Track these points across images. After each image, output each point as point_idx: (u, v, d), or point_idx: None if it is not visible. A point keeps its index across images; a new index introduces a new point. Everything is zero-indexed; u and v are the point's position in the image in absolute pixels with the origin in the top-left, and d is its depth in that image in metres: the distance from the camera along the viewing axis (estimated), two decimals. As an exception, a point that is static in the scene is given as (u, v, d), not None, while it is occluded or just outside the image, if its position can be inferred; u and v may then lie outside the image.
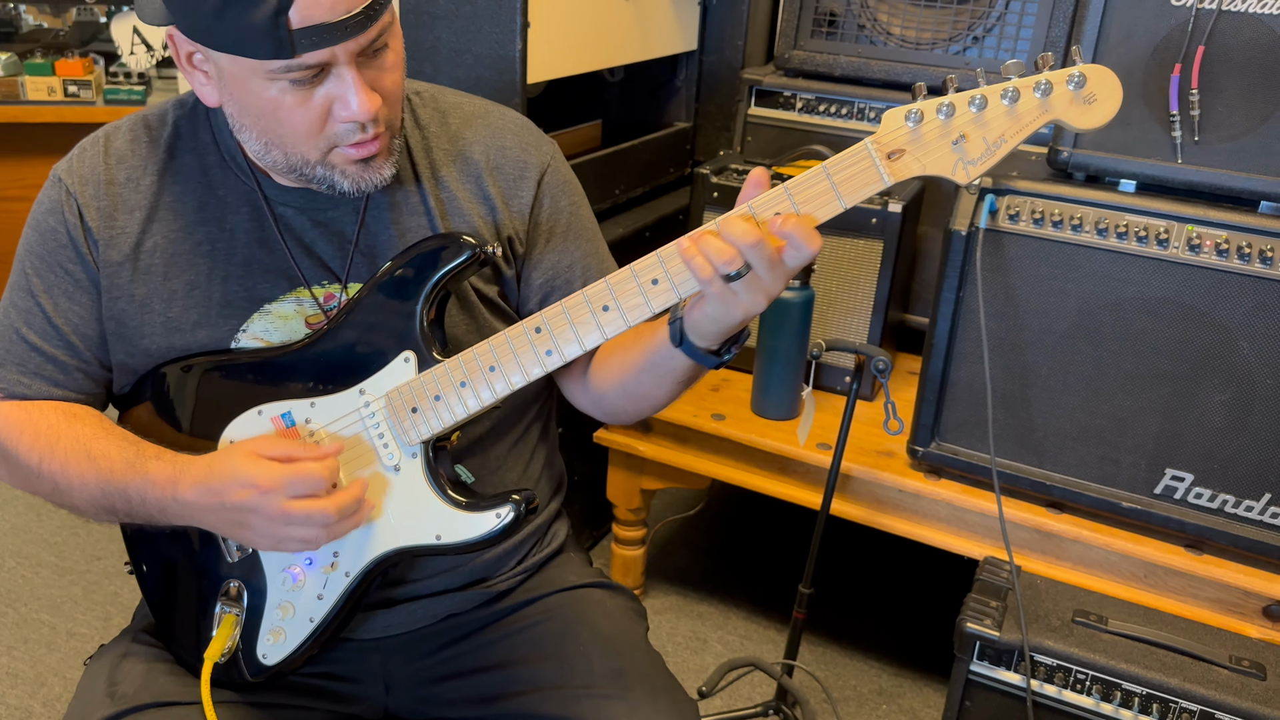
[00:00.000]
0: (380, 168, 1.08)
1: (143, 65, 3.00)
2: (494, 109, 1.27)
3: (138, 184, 1.15)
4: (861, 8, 2.20)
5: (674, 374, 1.10)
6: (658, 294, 1.00)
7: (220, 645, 1.09)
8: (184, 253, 1.14)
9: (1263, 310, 1.56)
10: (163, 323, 1.13)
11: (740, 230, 0.92)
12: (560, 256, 1.23)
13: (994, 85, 0.92)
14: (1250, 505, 1.64)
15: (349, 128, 1.03)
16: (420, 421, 1.07)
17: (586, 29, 2.05)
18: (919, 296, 2.23)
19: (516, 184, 1.21)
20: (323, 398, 1.10)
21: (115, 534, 2.36)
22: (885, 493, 1.87)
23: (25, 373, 1.14)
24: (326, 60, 0.98)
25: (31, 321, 1.14)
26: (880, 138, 0.94)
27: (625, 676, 1.15)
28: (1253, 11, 1.51)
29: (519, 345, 1.04)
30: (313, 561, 1.10)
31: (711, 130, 2.53)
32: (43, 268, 1.14)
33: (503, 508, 1.06)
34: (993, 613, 1.60)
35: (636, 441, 2.05)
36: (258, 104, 1.02)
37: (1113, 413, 1.69)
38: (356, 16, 0.97)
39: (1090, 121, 0.92)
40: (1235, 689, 1.47)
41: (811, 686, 1.98)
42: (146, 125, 1.18)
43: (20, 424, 1.12)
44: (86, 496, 1.10)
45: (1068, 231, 1.66)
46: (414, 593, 1.20)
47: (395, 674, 1.21)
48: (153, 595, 1.19)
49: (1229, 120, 1.57)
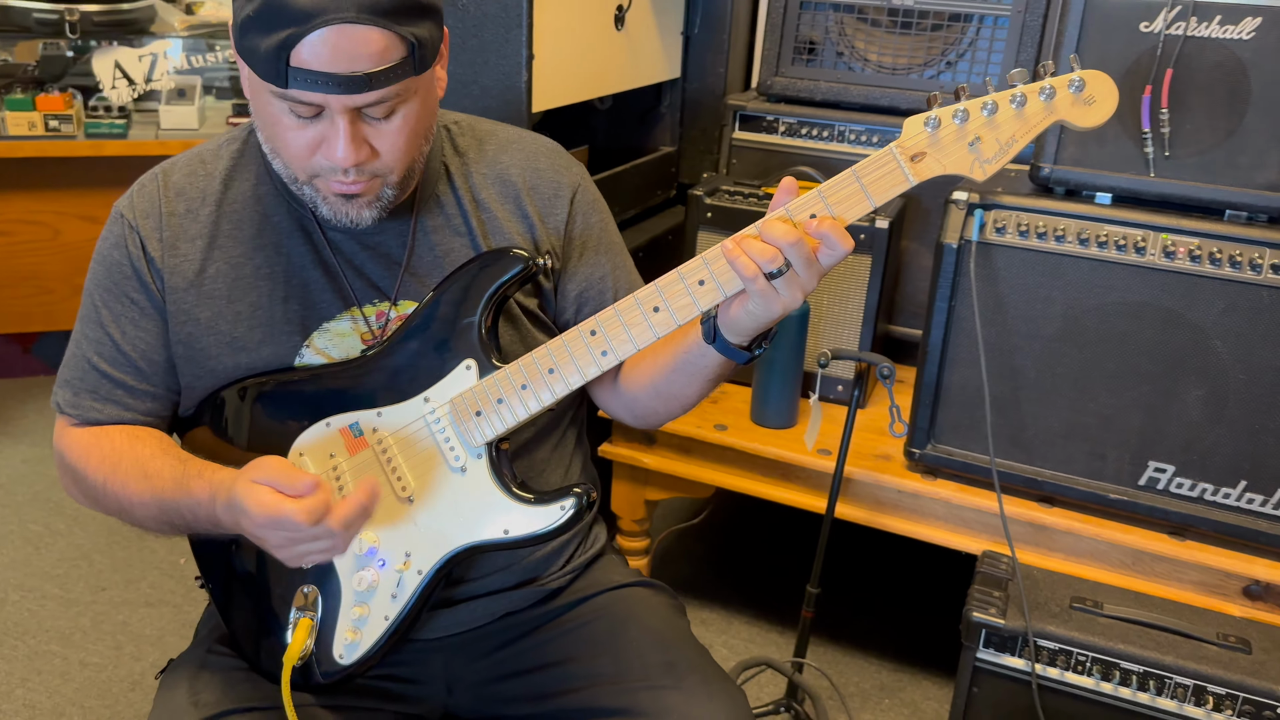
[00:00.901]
0: (360, 207, 1.13)
1: (124, 99, 3.02)
2: (527, 135, 1.35)
3: (197, 214, 1.21)
4: (840, 36, 2.31)
5: (704, 371, 1.18)
6: (704, 293, 1.08)
7: (298, 649, 1.14)
8: (245, 276, 1.20)
9: (1234, 311, 1.68)
10: (229, 343, 1.19)
11: (781, 231, 1.01)
12: (593, 269, 1.31)
13: (1003, 91, 1.02)
14: (1228, 493, 1.75)
15: (331, 166, 1.09)
16: (484, 424, 1.13)
17: (584, 60, 2.14)
18: (902, 308, 2.34)
19: (552, 202, 1.29)
20: (389, 407, 1.16)
21: (119, 565, 2.39)
22: (885, 494, 1.96)
23: (98, 399, 1.19)
24: (320, 104, 1.05)
25: (102, 350, 1.19)
26: (903, 142, 1.03)
27: (678, 668, 1.22)
28: (1215, 37, 1.64)
29: (575, 348, 1.12)
30: (385, 563, 1.15)
31: (695, 154, 2.63)
32: (110, 299, 1.20)
33: (566, 500, 1.13)
34: (996, 602, 1.70)
35: (641, 454, 2.12)
36: (265, 113, 1.10)
37: (1098, 410, 1.80)
38: (358, 78, 1.03)
39: (1091, 120, 1.02)
40: (1224, 663, 1.58)
41: (820, 683, 2.05)
42: (201, 160, 1.24)
43: (89, 447, 1.18)
44: (148, 514, 1.15)
45: (1051, 242, 1.77)
46: (472, 592, 1.26)
47: (457, 674, 1.27)
48: (226, 606, 1.24)
49: (1196, 136, 1.69)
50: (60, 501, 2.63)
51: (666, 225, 2.52)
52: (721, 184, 2.24)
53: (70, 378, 1.21)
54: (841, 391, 2.16)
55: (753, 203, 2.15)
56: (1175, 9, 1.65)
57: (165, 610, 2.26)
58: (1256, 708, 1.54)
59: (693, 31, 2.54)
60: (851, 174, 1.03)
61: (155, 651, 2.14)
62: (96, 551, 2.45)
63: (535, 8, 1.89)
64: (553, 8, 1.96)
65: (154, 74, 3.08)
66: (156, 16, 3.18)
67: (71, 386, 1.21)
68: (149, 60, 3.06)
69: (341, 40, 1.01)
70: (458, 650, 1.27)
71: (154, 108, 3.08)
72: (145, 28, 3.11)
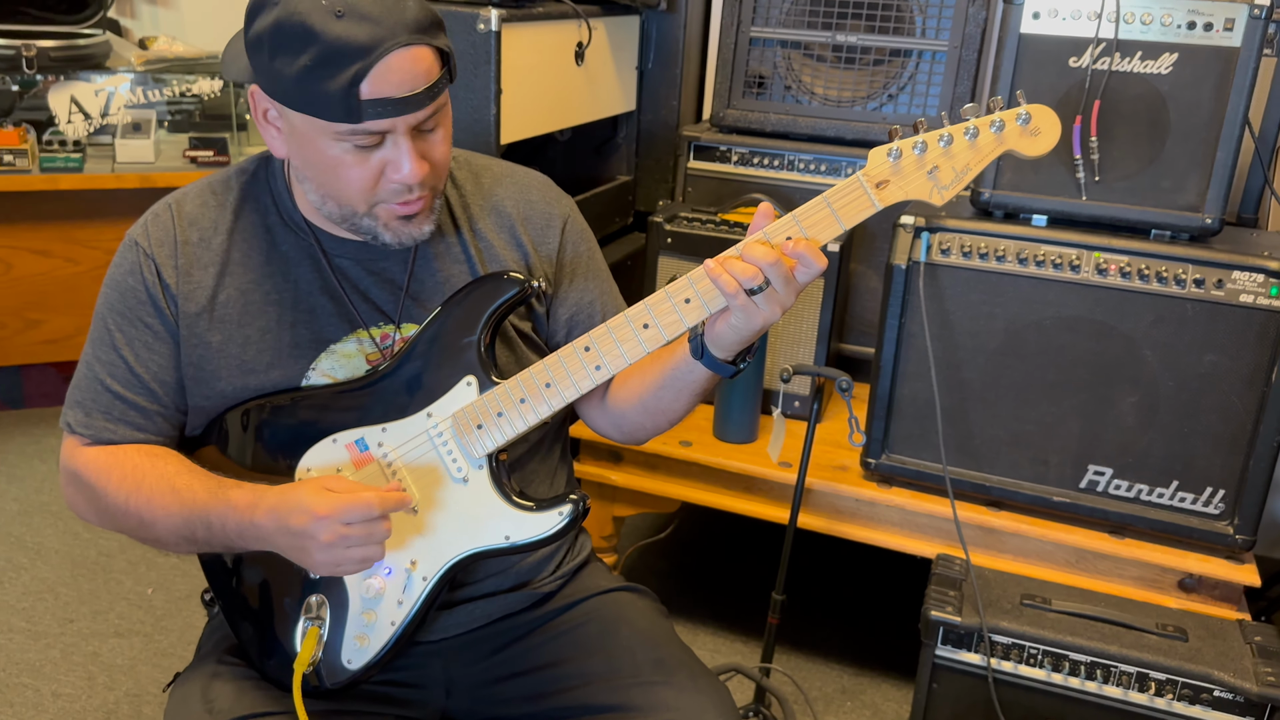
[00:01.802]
0: (420, 224, 1.23)
1: (79, 133, 3.04)
2: (519, 169, 1.43)
3: (209, 243, 1.27)
4: (787, 70, 2.44)
5: (692, 386, 1.27)
6: (690, 310, 1.16)
7: (307, 656, 1.20)
8: (255, 302, 1.26)
9: (1162, 323, 1.82)
10: (239, 365, 1.25)
11: (761, 252, 1.10)
12: (582, 294, 1.39)
13: (958, 125, 1.12)
14: (1161, 493, 1.88)
15: (397, 188, 1.18)
16: (485, 436, 1.20)
17: (548, 94, 2.23)
18: (852, 327, 2.45)
19: (544, 232, 1.38)
20: (393, 423, 1.23)
21: (85, 597, 2.39)
22: (843, 503, 2.06)
23: (111, 419, 1.24)
24: (387, 129, 1.14)
25: (115, 372, 1.24)
26: (869, 171, 1.13)
27: (667, 665, 1.30)
28: (1138, 71, 1.79)
29: (571, 363, 1.20)
30: (392, 570, 1.21)
31: (651, 183, 2.73)
32: (123, 323, 1.25)
33: (563, 507, 1.20)
34: (953, 600, 1.80)
35: (608, 471, 2.19)
36: (321, 159, 1.17)
37: (1040, 419, 1.92)
38: (419, 95, 1.13)
39: (1037, 150, 1.13)
40: (1164, 651, 1.69)
41: (786, 688, 2.14)
42: (213, 190, 1.30)
43: (108, 466, 1.22)
44: (169, 526, 1.20)
45: (993, 262, 1.90)
46: (469, 595, 1.33)
47: (456, 677, 1.33)
48: (236, 619, 1.28)
49: (1123, 162, 1.83)
50: (20, 536, 2.62)
51: (625, 251, 2.61)
52: (679, 211, 2.33)
53: (82, 399, 1.26)
54: (799, 407, 2.26)
55: (709, 229, 2.25)
56: (1101, 45, 1.79)
57: (135, 640, 2.27)
58: (1194, 690, 1.66)
59: (647, 66, 2.65)
60: (823, 200, 1.13)
61: (128, 681, 2.14)
62: (61, 584, 2.45)
63: (503, 45, 1.98)
64: (519, 45, 2.05)
65: (109, 108, 3.09)
66: (112, 51, 3.20)
67: (83, 407, 1.25)
68: (104, 95, 3.08)
69: (404, 64, 1.11)
70: (456, 653, 1.33)
71: (109, 142, 3.09)
72: (101, 63, 3.13)
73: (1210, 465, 1.84)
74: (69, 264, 3.12)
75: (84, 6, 3.30)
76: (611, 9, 2.45)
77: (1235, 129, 1.76)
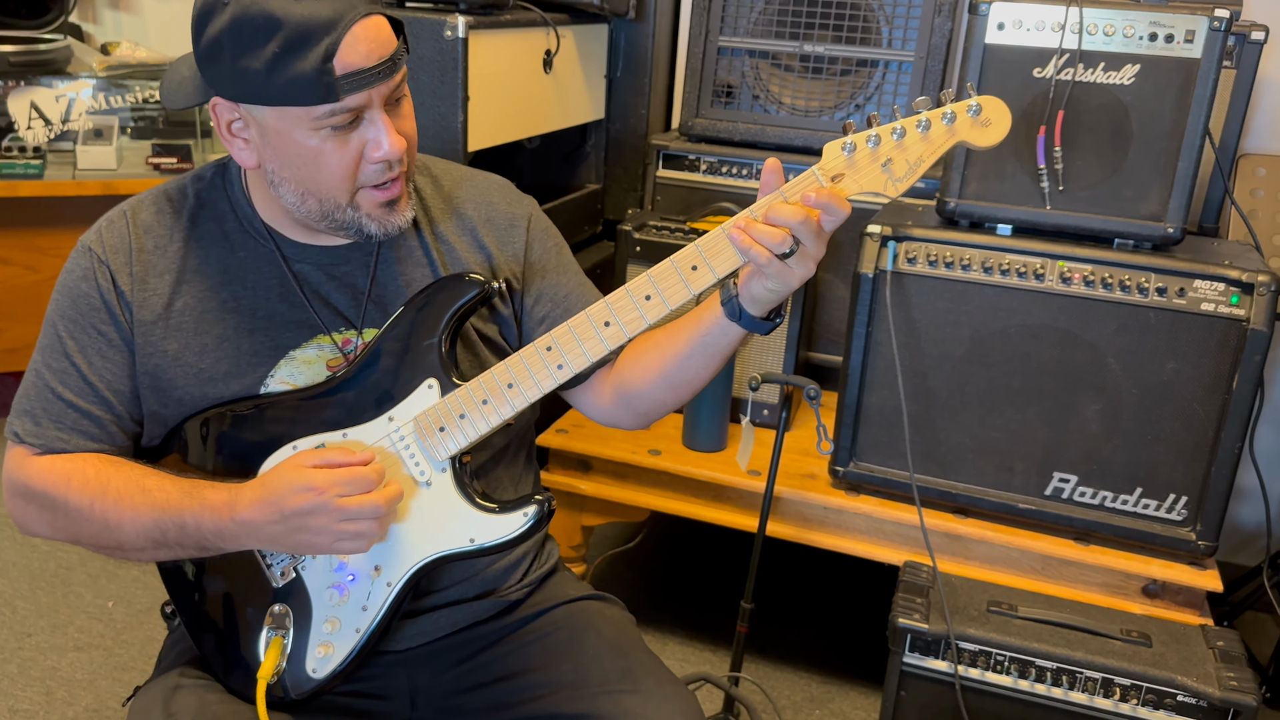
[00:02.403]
0: (402, 211, 1.23)
1: (39, 139, 2.99)
2: (478, 173, 1.43)
3: (165, 250, 1.25)
4: (755, 80, 2.45)
5: (723, 350, 1.26)
6: (650, 308, 1.17)
7: (271, 666, 1.18)
8: (212, 310, 1.24)
9: (1125, 331, 1.83)
10: (195, 374, 1.23)
11: (788, 212, 1.09)
12: (556, 289, 1.39)
13: (909, 117, 1.13)
14: (1125, 499, 1.90)
15: (378, 169, 1.18)
16: (448, 439, 1.20)
17: (516, 102, 2.22)
18: (820, 335, 2.46)
19: (508, 232, 1.37)
20: (354, 428, 1.22)
21: (43, 610, 2.34)
22: (811, 511, 2.06)
23: (64, 429, 1.21)
24: (363, 104, 1.14)
25: (67, 381, 1.22)
26: (824, 165, 1.13)
27: (634, 673, 1.29)
28: (1100, 82, 1.81)
29: (533, 363, 1.19)
30: (356, 576, 1.20)
31: (619, 191, 2.73)
32: (76, 330, 1.23)
33: (528, 508, 1.19)
34: (920, 608, 1.80)
35: (577, 480, 2.18)
36: (300, 154, 1.16)
37: (1005, 426, 1.94)
38: (385, 64, 1.14)
39: (988, 140, 1.13)
40: (1129, 656, 1.71)
41: (755, 696, 2.13)
42: (169, 198, 1.28)
43: (67, 473, 1.19)
44: (138, 529, 1.17)
45: (958, 270, 1.91)
46: (435, 603, 1.31)
47: (421, 687, 1.31)
48: (197, 630, 1.26)
49: (1086, 172, 1.85)
50: (-24, 548, 2.57)
51: (594, 259, 2.60)
52: (648, 219, 2.33)
53: (31, 407, 1.23)
54: (768, 415, 2.26)
55: (678, 237, 2.25)
56: (1064, 56, 1.81)
57: (95, 654, 2.23)
58: (1159, 696, 1.68)
59: (615, 74, 2.65)
60: (779, 194, 1.13)
61: (88, 695, 2.11)
62: (19, 598, 2.40)
63: (471, 52, 1.97)
64: (486, 52, 2.05)
65: (70, 114, 3.05)
66: (73, 57, 3.16)
67: (33, 416, 1.22)
68: (66, 101, 3.04)
69: (368, 33, 1.12)
70: (421, 663, 1.31)
71: (70, 148, 3.05)
72: (62, 68, 3.09)
73: (1173, 472, 1.86)
74: (29, 272, 3.07)
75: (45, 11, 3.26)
76: (580, 17, 2.45)
77: (1196, 139, 1.79)
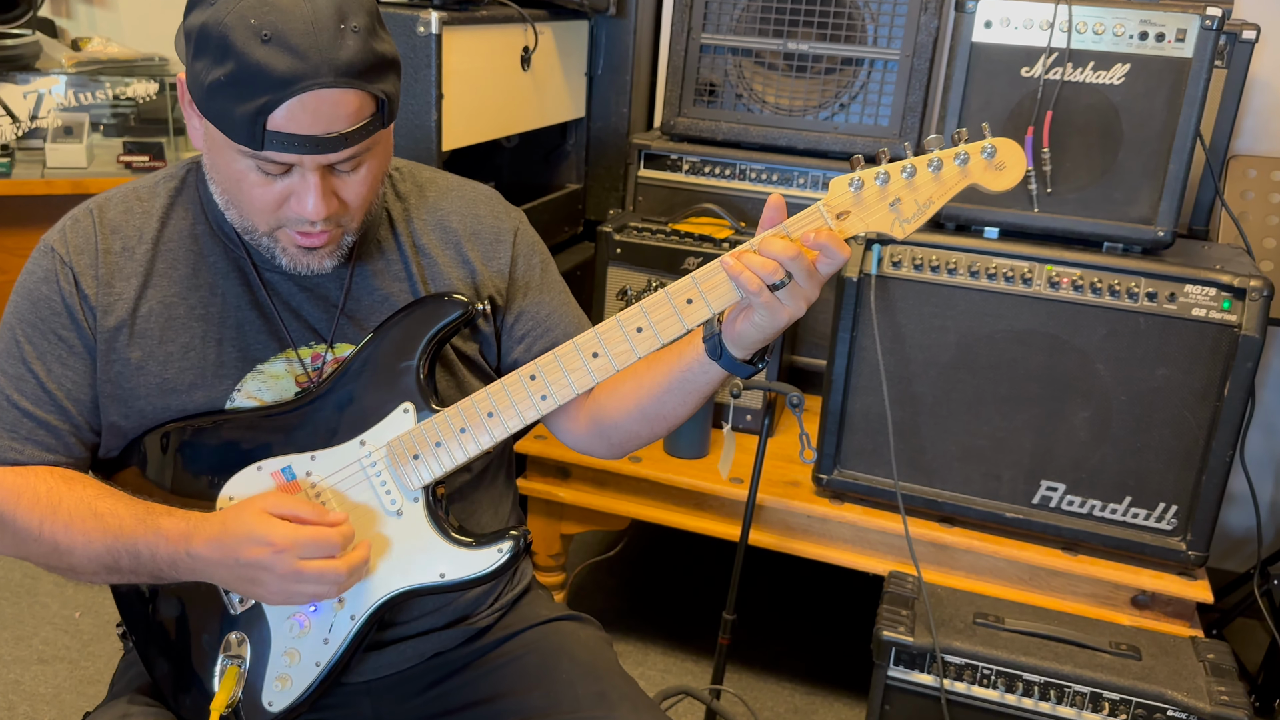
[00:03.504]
0: (322, 257, 1.16)
1: (7, 137, 2.92)
2: (466, 183, 1.37)
3: (133, 252, 1.19)
4: (739, 79, 2.40)
5: (703, 389, 1.20)
6: (642, 340, 1.11)
7: (225, 697, 1.13)
8: (179, 317, 1.19)
9: (1114, 337, 1.80)
10: (159, 384, 1.17)
11: (780, 246, 1.05)
12: (539, 308, 1.33)
13: (921, 156, 1.08)
14: (1114, 508, 1.86)
15: (298, 219, 1.11)
16: (421, 467, 1.14)
17: (492, 100, 2.17)
18: (804, 339, 2.42)
19: (493, 247, 1.31)
20: (323, 450, 1.16)
21: (7, 621, 2.29)
22: (795, 519, 2.02)
23: (17, 439, 1.15)
24: (294, 163, 1.07)
25: (23, 388, 1.16)
26: (829, 201, 1.08)
27: (609, 698, 1.24)
28: (1090, 82, 1.77)
29: (515, 392, 1.14)
30: (318, 609, 1.15)
31: (600, 191, 2.67)
32: (35, 335, 1.16)
33: (504, 543, 1.14)
34: (904, 620, 1.76)
35: (556, 488, 2.14)
36: (227, 169, 1.10)
37: (992, 433, 1.90)
38: (334, 138, 1.05)
39: (1002, 185, 1.09)
40: (1118, 670, 1.67)
41: (737, 709, 2.09)
42: (138, 197, 1.22)
43: (17, 489, 1.14)
44: (90, 554, 1.12)
45: (944, 275, 1.87)
46: (402, 634, 1.26)
47: (385, 716, 1.26)
48: (150, 655, 1.21)
49: (1075, 174, 1.81)
50: (-59, 557, 2.51)
51: (575, 261, 2.55)
52: (629, 220, 2.28)
53: None
54: (750, 421, 2.22)
55: (660, 239, 2.21)
56: (1053, 55, 1.77)
57: (60, 667, 2.17)
58: (1148, 710, 1.64)
59: (596, 72, 2.59)
60: (782, 229, 1.08)
61: (52, 710, 2.05)
62: (-17, 608, 2.35)
63: (444, 49, 1.92)
64: (461, 49, 1.99)
65: (40, 111, 2.98)
66: (42, 52, 3.08)
67: None
68: (34, 97, 2.97)
69: (321, 105, 1.02)
70: (386, 692, 1.26)
71: (39, 146, 2.98)
72: (30, 64, 3.01)
73: (1163, 480, 1.83)
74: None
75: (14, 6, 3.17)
76: (559, 13, 2.40)
77: (1187, 140, 1.75)
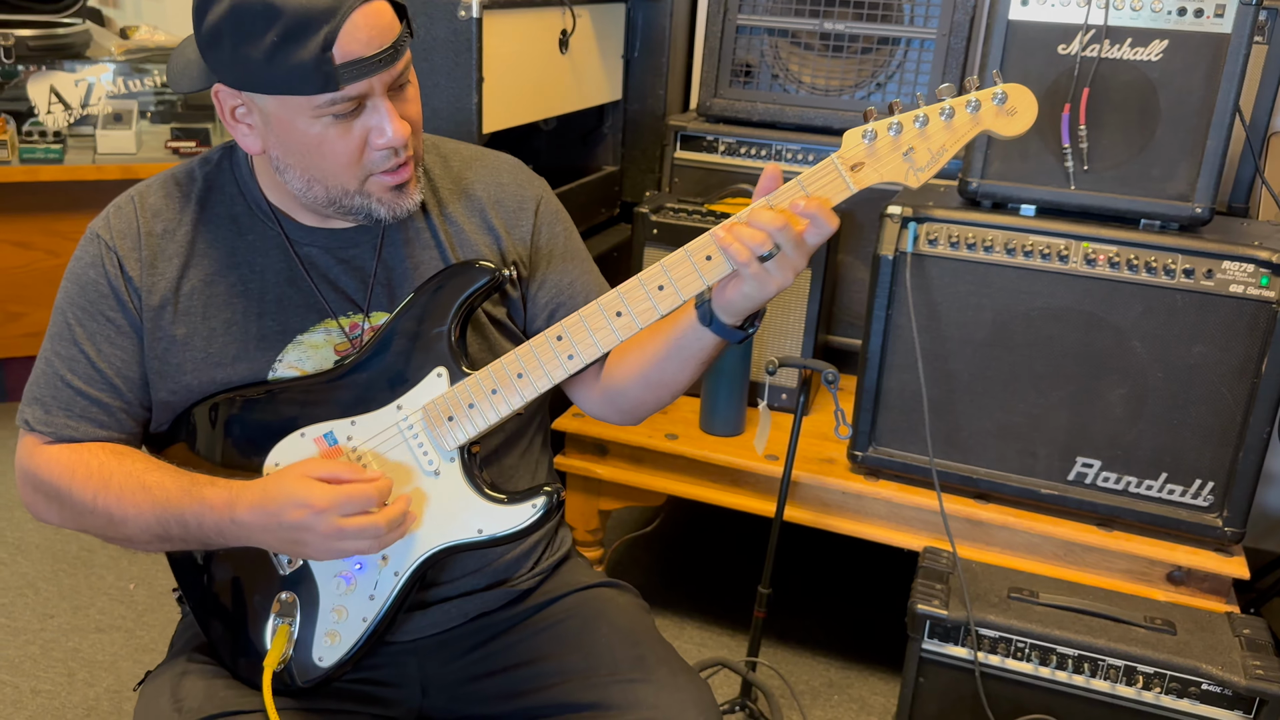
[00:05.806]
0: (411, 194, 1.21)
1: (59, 124, 3.00)
2: (489, 153, 1.41)
3: (174, 235, 1.24)
4: (775, 59, 2.41)
5: (698, 355, 1.23)
6: (663, 298, 1.15)
7: (277, 654, 1.17)
8: (220, 294, 1.23)
9: (1151, 314, 1.79)
10: (204, 358, 1.22)
11: (769, 217, 1.08)
12: (562, 275, 1.37)
13: (933, 105, 1.10)
14: (1150, 484, 1.86)
15: (384, 155, 1.16)
16: (456, 428, 1.18)
17: (531, 83, 2.20)
18: (839, 319, 2.43)
19: (517, 215, 1.35)
20: (362, 416, 1.20)
21: (65, 592, 2.36)
22: (830, 496, 2.04)
23: (73, 416, 1.21)
24: (365, 92, 1.12)
25: (76, 368, 1.21)
26: (844, 154, 1.11)
27: (646, 662, 1.28)
28: (1128, 58, 1.76)
29: (543, 353, 1.18)
30: (363, 566, 1.19)
31: (637, 173, 2.70)
32: (85, 317, 1.22)
33: (537, 499, 1.18)
34: (939, 594, 1.78)
35: (594, 465, 2.17)
36: (303, 141, 1.14)
37: (1027, 410, 1.90)
38: (387, 51, 1.11)
39: (1014, 130, 1.10)
40: (1153, 644, 1.68)
41: (772, 682, 2.12)
42: (176, 182, 1.27)
43: (71, 465, 1.19)
44: (141, 525, 1.17)
45: (980, 252, 1.87)
46: (444, 594, 1.30)
47: (431, 676, 1.30)
48: (205, 617, 1.26)
49: (1112, 151, 1.81)
50: (1, 531, 2.59)
51: (611, 242, 2.58)
52: (665, 202, 2.31)
53: (41, 395, 1.22)
54: (786, 399, 2.24)
55: (696, 219, 2.23)
56: (1090, 32, 1.77)
57: (116, 635, 2.25)
58: (1182, 684, 1.65)
59: (632, 55, 2.61)
60: (796, 184, 1.11)
61: (109, 677, 2.12)
62: (41, 579, 2.42)
63: (485, 32, 1.95)
64: (501, 32, 2.02)
65: (90, 98, 3.06)
66: (92, 41, 3.16)
67: (43, 404, 1.22)
68: (85, 85, 3.05)
69: (368, 20, 1.09)
70: (432, 652, 1.30)
71: (90, 132, 3.06)
72: (81, 52, 3.10)
73: (1199, 457, 1.82)
74: (50, 256, 3.09)
75: (65, -5, 3.26)
76: (596, -4, 2.42)
77: (1226, 117, 1.74)
